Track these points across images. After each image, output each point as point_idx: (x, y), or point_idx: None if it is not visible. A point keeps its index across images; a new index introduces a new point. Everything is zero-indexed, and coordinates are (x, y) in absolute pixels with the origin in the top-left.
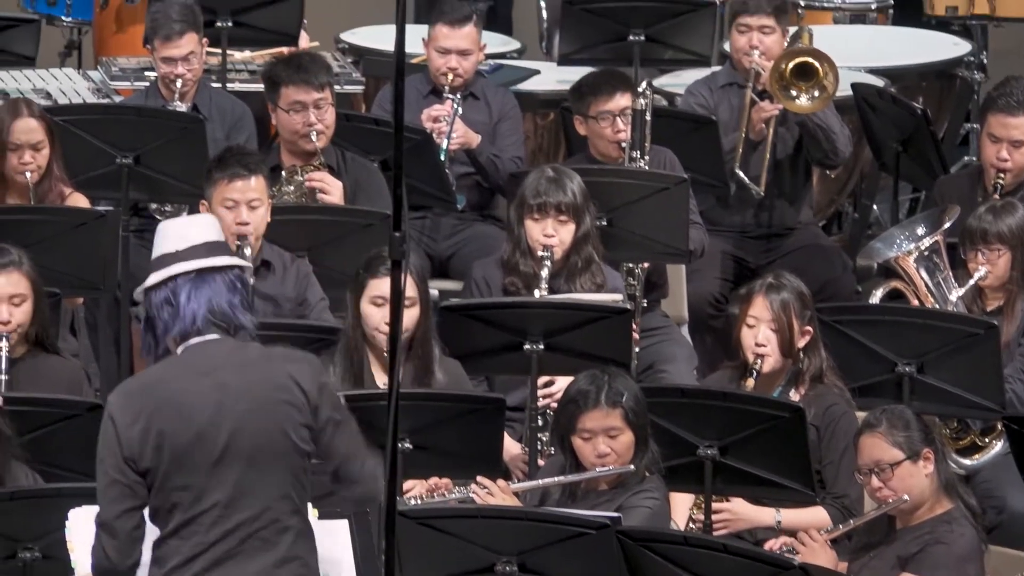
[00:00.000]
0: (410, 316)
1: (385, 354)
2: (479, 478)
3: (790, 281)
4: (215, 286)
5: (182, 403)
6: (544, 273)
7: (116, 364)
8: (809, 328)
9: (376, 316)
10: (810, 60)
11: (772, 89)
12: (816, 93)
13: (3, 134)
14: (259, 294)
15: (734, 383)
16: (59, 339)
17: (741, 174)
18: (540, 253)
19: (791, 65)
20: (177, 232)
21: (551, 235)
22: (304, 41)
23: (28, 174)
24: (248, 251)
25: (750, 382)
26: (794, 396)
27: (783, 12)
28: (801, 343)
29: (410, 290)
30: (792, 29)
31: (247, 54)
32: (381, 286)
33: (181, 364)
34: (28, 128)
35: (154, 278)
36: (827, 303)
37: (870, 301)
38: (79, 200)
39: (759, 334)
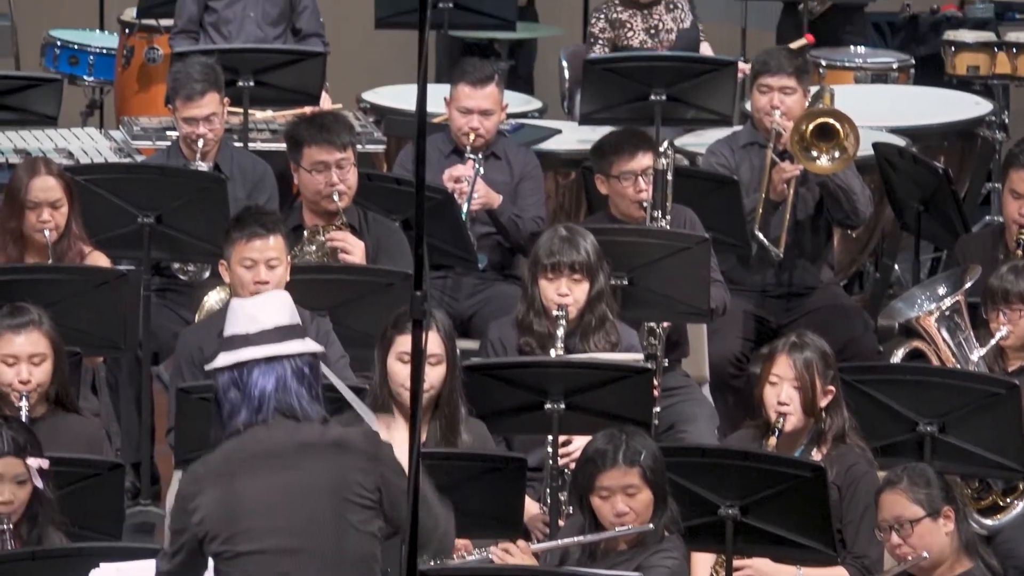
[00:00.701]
0: (436, 374)
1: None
2: (499, 544)
3: (813, 340)
4: (283, 373)
5: (241, 490)
6: (559, 332)
7: (137, 424)
8: (832, 388)
9: (402, 373)
10: (831, 121)
11: (793, 150)
12: (837, 154)
13: (21, 192)
14: None
15: (756, 442)
16: (80, 398)
17: (760, 236)
18: (554, 312)
19: (812, 126)
20: (249, 313)
21: (565, 294)
22: (325, 101)
23: (47, 232)
24: None
25: (772, 440)
26: (816, 455)
27: (804, 72)
28: (823, 402)
29: (437, 347)
30: (813, 89)
31: (268, 114)
32: (408, 342)
33: (244, 448)
34: (46, 186)
35: (223, 360)
36: (848, 363)
37: (891, 361)
38: (99, 259)
39: (782, 393)
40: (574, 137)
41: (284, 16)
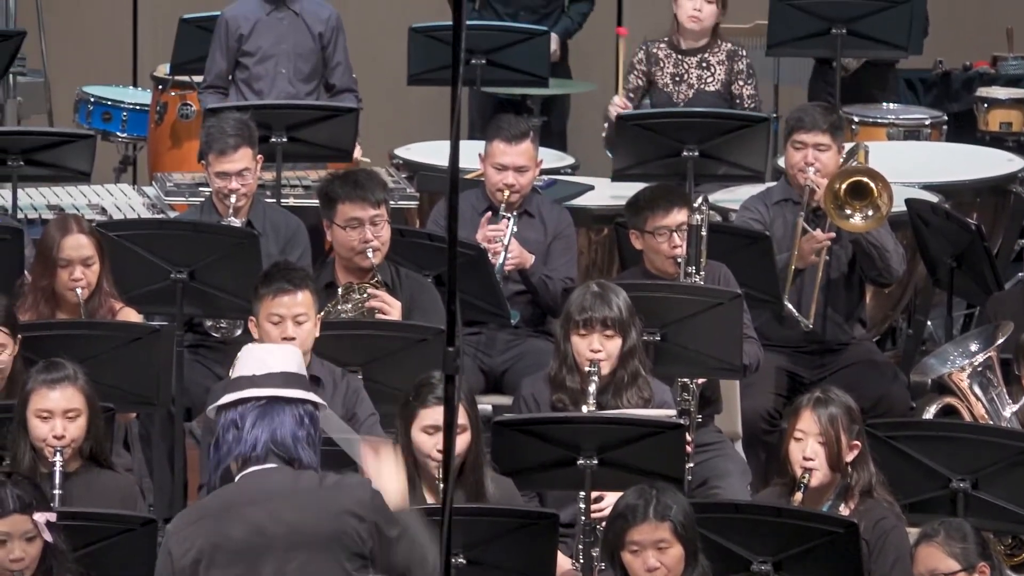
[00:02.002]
0: (461, 442)
1: (436, 479)
2: None
3: (838, 395)
4: (282, 417)
5: (234, 531)
6: (591, 388)
7: (170, 479)
8: (857, 442)
9: (428, 444)
10: (864, 180)
11: (826, 208)
12: (870, 212)
13: (53, 250)
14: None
15: (784, 498)
16: (112, 454)
17: (790, 307)
18: (587, 368)
19: (845, 184)
20: (258, 357)
21: (598, 350)
22: (357, 155)
23: (79, 290)
24: None
25: (798, 496)
26: (843, 510)
27: (839, 129)
28: (849, 457)
29: (461, 417)
30: (848, 145)
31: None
32: (432, 415)
33: (237, 493)
34: (78, 244)
35: (226, 398)
36: (881, 419)
37: (924, 417)
38: (130, 315)
39: (807, 448)
40: (607, 193)
41: (316, 72)
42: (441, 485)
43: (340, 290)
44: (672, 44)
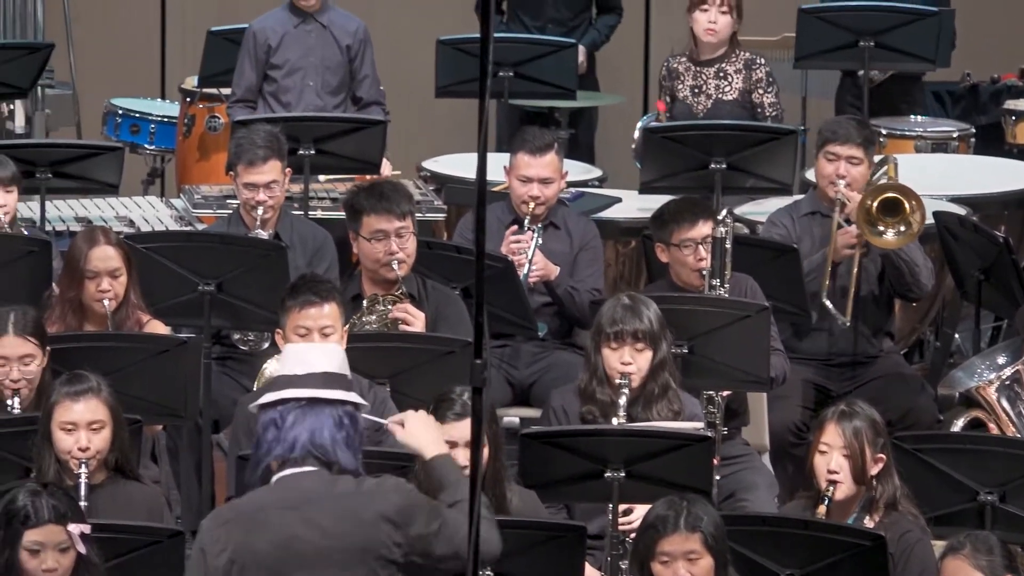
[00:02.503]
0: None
1: None
2: None
3: (862, 408)
4: (322, 417)
5: (267, 538)
6: (622, 401)
7: (198, 491)
8: (882, 455)
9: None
10: (897, 196)
11: (858, 224)
12: (902, 229)
13: (81, 262)
14: None
15: (809, 511)
16: (140, 466)
17: (828, 304)
18: (617, 381)
19: (878, 201)
20: (300, 356)
21: (628, 363)
22: (386, 169)
23: (106, 302)
24: None
25: (822, 509)
26: (868, 523)
27: (871, 143)
28: (874, 470)
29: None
30: (878, 158)
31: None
32: (450, 431)
33: (273, 495)
34: (105, 256)
35: (266, 397)
36: (908, 432)
37: (951, 430)
38: (157, 327)
39: (831, 461)
40: (634, 205)
41: (344, 85)
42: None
43: (365, 302)
44: (691, 57)
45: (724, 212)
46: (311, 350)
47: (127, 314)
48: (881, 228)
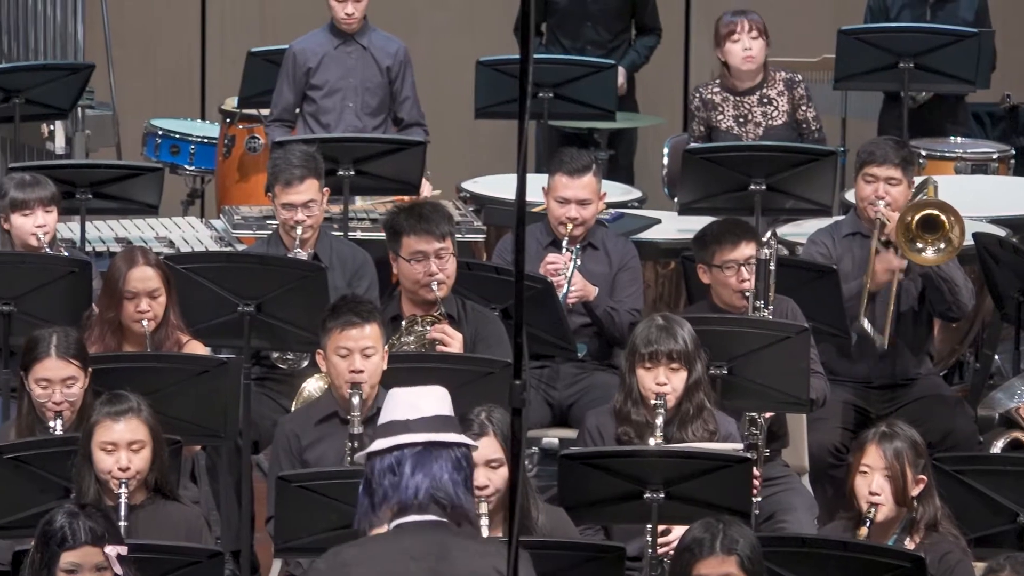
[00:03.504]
0: (499, 477)
1: (479, 515)
2: None
3: (903, 430)
4: (440, 462)
5: None
6: (658, 421)
7: (237, 512)
8: (923, 476)
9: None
10: (937, 213)
11: (898, 241)
12: (942, 246)
13: (120, 283)
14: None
15: (849, 532)
16: (180, 486)
17: (868, 325)
18: (653, 401)
19: (917, 218)
20: (409, 401)
21: (663, 383)
22: (427, 189)
23: (145, 322)
24: (356, 399)
25: (863, 531)
26: (909, 544)
27: (910, 164)
28: (915, 491)
29: (494, 452)
30: (918, 179)
31: (368, 203)
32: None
33: (396, 543)
34: (144, 276)
35: (380, 444)
36: (948, 453)
37: (992, 451)
38: (196, 347)
39: (873, 482)
40: (673, 227)
41: (384, 106)
42: (486, 520)
43: (404, 323)
44: (726, 87)
45: (769, 234)
46: (419, 394)
47: (166, 334)
48: (920, 245)
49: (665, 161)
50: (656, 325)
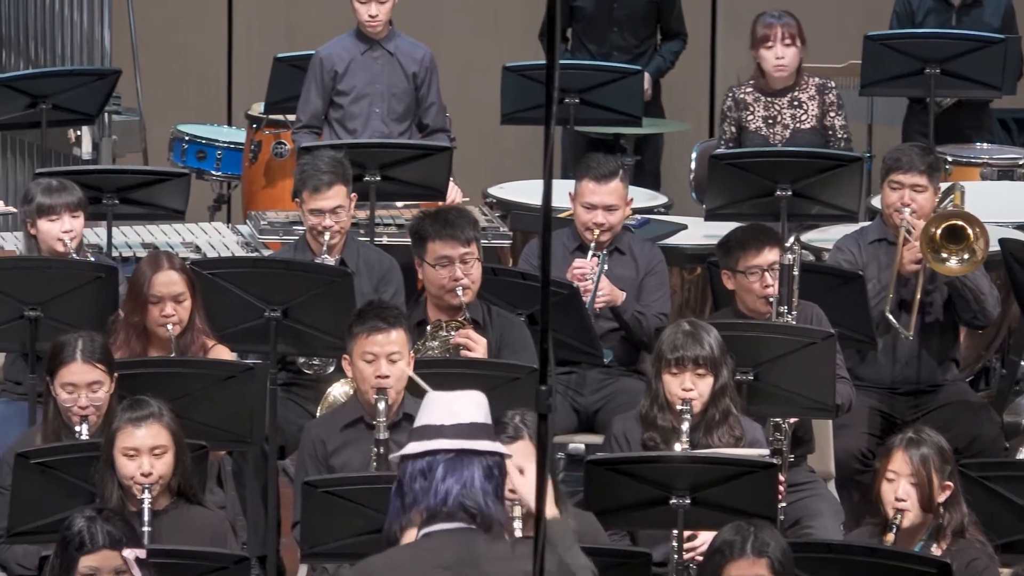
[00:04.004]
0: (525, 481)
1: (515, 516)
2: None
3: (930, 436)
4: (472, 470)
5: None
6: (684, 427)
7: (263, 517)
8: (950, 483)
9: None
10: (961, 223)
11: (922, 251)
12: (966, 256)
13: (144, 287)
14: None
15: (875, 538)
16: (206, 491)
17: (891, 318)
18: (679, 407)
19: (942, 228)
20: (446, 406)
21: (689, 388)
22: (455, 194)
23: (169, 326)
24: (382, 405)
25: (890, 537)
26: (936, 551)
27: (936, 171)
28: (941, 498)
29: (531, 456)
30: (944, 186)
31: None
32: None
33: (425, 552)
34: (169, 280)
35: (414, 447)
36: (974, 459)
37: (1018, 457)
38: (222, 352)
39: (899, 489)
40: (700, 232)
41: (410, 112)
42: (519, 523)
43: (428, 328)
44: (759, 87)
45: (792, 239)
46: (457, 399)
47: (191, 339)
48: (945, 255)
49: (693, 166)
50: (683, 331)
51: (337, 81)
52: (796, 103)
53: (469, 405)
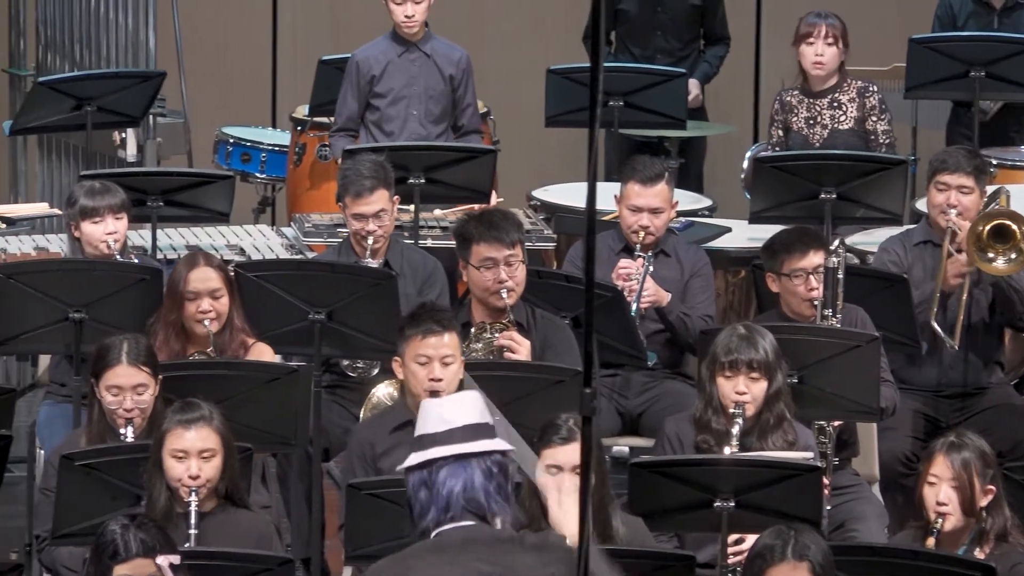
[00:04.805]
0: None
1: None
2: None
3: (972, 440)
4: (471, 472)
5: None
6: (735, 431)
7: (308, 519)
8: (992, 487)
9: (550, 483)
10: (1008, 223)
11: (968, 250)
12: (1013, 256)
13: (181, 283)
14: None
15: (918, 542)
16: (252, 491)
17: (936, 326)
18: (732, 410)
19: (988, 227)
20: (439, 413)
21: (743, 392)
22: (491, 197)
23: (207, 323)
24: None
25: (931, 541)
26: (978, 555)
27: (982, 172)
28: (983, 502)
29: (578, 459)
30: (990, 188)
31: (436, 212)
32: (555, 455)
33: (433, 549)
34: (205, 276)
35: (413, 459)
36: (1018, 462)
37: None
38: (263, 350)
39: (940, 493)
40: (744, 235)
41: (446, 114)
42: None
43: (472, 330)
44: (803, 89)
45: (836, 242)
46: (446, 404)
47: (231, 337)
48: (991, 255)
49: (745, 165)
50: (737, 334)
51: (374, 84)
52: (836, 104)
53: (459, 408)
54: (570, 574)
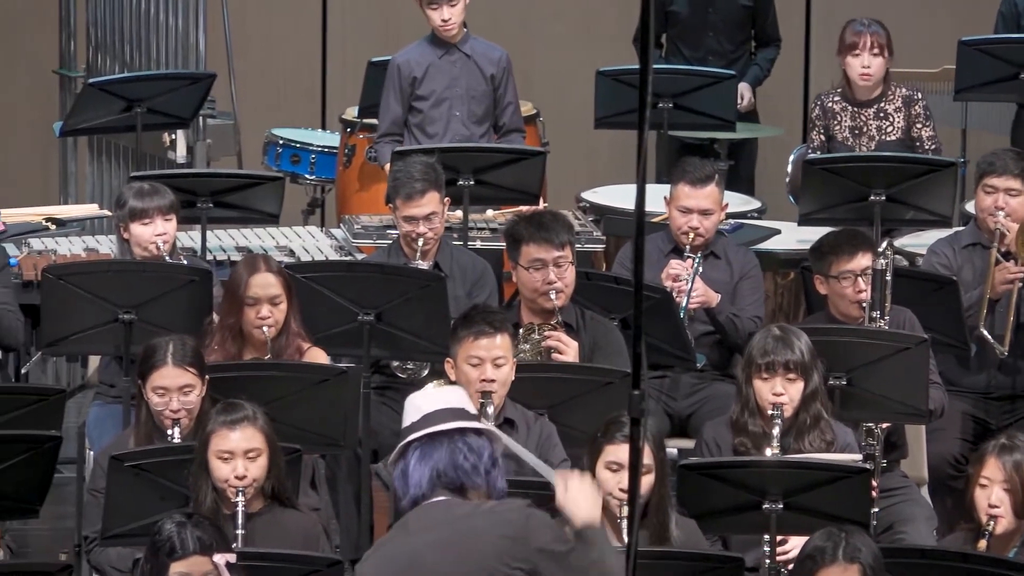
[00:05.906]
0: (646, 482)
1: (618, 518)
2: None
3: (1023, 442)
4: (440, 450)
5: (391, 564)
6: (775, 432)
7: (356, 521)
8: None
9: (611, 482)
10: None
11: (1017, 251)
12: None
13: (241, 289)
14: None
15: (969, 544)
16: (300, 493)
17: (985, 332)
18: (770, 412)
19: None
20: (415, 405)
21: (780, 393)
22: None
23: (265, 329)
24: (490, 409)
25: (982, 543)
26: None
27: None
28: None
29: (646, 458)
30: None
31: (489, 213)
32: (617, 452)
33: (400, 527)
34: (266, 283)
35: (394, 454)
36: None
37: None
38: (317, 355)
39: (992, 495)
40: (793, 237)
41: (488, 114)
42: (624, 525)
43: (520, 331)
44: (846, 96)
45: (884, 244)
46: (422, 397)
47: (287, 341)
48: None
49: (789, 168)
50: (772, 336)
51: (416, 86)
52: (882, 114)
53: (437, 398)
54: (523, 532)
